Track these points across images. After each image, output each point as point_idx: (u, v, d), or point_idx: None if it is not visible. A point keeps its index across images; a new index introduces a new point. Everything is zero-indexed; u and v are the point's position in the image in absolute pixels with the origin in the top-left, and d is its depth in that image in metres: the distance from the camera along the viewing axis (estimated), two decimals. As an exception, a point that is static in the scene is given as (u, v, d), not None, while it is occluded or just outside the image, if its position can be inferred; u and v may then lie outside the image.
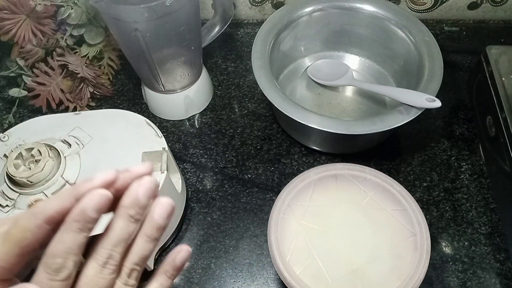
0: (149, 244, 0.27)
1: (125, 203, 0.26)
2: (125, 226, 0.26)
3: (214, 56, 0.70)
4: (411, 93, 0.51)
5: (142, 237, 0.27)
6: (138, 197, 0.26)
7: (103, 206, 0.25)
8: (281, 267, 0.40)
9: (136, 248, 0.27)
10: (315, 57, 0.66)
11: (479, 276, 0.48)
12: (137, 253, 0.27)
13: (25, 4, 0.55)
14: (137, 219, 0.26)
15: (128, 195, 0.26)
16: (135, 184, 0.26)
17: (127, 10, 0.48)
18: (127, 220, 0.26)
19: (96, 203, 0.24)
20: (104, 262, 0.25)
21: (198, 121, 0.63)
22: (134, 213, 0.26)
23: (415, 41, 0.56)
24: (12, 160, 0.41)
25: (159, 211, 0.27)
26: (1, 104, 0.66)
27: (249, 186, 0.56)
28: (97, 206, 0.24)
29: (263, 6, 0.72)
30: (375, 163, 0.57)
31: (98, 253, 0.25)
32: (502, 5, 0.70)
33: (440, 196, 0.54)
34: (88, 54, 0.61)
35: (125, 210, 0.26)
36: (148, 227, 0.27)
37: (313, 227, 0.43)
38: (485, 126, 0.56)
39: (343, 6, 0.60)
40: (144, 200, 0.26)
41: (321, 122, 0.48)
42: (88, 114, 0.49)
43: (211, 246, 0.52)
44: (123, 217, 0.26)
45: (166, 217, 0.27)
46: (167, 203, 0.27)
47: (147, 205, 0.27)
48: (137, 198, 0.26)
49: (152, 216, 0.27)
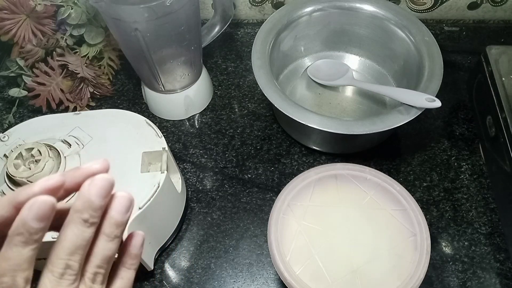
0: (111, 243, 0.25)
1: (77, 207, 0.23)
2: (80, 232, 0.23)
3: (214, 56, 0.70)
4: (411, 93, 0.51)
5: (102, 237, 0.25)
6: (90, 198, 0.23)
7: (46, 215, 0.22)
8: (281, 267, 0.40)
9: (97, 250, 0.25)
10: (315, 57, 0.66)
11: (479, 276, 0.48)
12: (99, 256, 0.25)
13: (25, 4, 0.55)
14: (93, 223, 0.24)
15: (80, 197, 0.23)
16: (86, 183, 0.24)
17: (127, 10, 0.48)
18: (81, 225, 0.23)
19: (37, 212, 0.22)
20: (61, 274, 0.23)
21: (198, 121, 0.63)
22: (88, 216, 0.23)
23: (415, 41, 0.56)
24: (12, 160, 0.41)
25: (117, 207, 0.25)
26: (1, 104, 0.66)
27: (249, 186, 0.56)
28: (39, 215, 0.22)
29: (263, 6, 0.72)
30: (375, 163, 0.57)
31: (53, 264, 0.23)
32: (502, 5, 0.70)
33: (440, 196, 0.54)
34: (88, 54, 0.61)
35: (78, 215, 0.23)
36: (106, 226, 0.25)
37: (313, 227, 0.43)
38: (485, 126, 0.56)
39: (343, 6, 0.60)
40: (98, 201, 0.23)
41: (321, 122, 0.48)
42: (88, 114, 0.49)
43: (211, 246, 0.52)
44: (76, 222, 0.23)
45: (124, 212, 0.25)
46: (124, 197, 0.25)
47: (103, 205, 0.24)
48: (89, 199, 0.23)
49: (109, 214, 0.24)
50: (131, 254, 0.27)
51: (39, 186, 0.23)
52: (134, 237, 0.27)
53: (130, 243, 0.27)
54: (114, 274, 0.27)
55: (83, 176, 0.24)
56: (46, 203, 0.22)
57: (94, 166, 0.25)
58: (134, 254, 0.27)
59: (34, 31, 0.57)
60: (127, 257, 0.27)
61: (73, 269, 0.23)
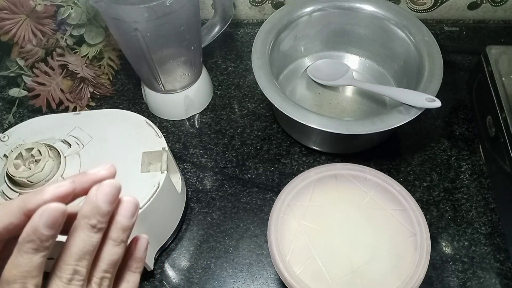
0: (117, 248, 0.25)
1: (85, 212, 0.24)
2: (88, 238, 0.24)
3: (214, 56, 0.70)
4: (411, 93, 0.51)
5: (109, 242, 0.25)
6: (98, 204, 0.24)
7: (57, 222, 0.22)
8: (281, 267, 0.40)
9: (104, 255, 0.25)
10: (315, 57, 0.66)
11: (479, 276, 0.48)
12: (106, 260, 0.25)
13: (25, 4, 0.55)
14: (100, 228, 0.24)
15: (87, 203, 0.24)
16: (94, 189, 0.24)
17: (127, 10, 0.48)
18: (88, 231, 0.24)
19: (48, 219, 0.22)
20: (69, 279, 0.23)
21: (198, 121, 0.63)
22: (96, 222, 0.24)
23: (415, 41, 0.56)
24: (12, 160, 0.41)
25: (123, 212, 0.25)
26: (1, 104, 0.66)
27: (249, 186, 0.56)
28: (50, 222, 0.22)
29: (263, 6, 0.72)
30: (375, 163, 0.57)
31: (61, 270, 0.23)
32: (502, 5, 0.70)
33: (440, 196, 0.54)
34: (88, 54, 0.61)
35: (86, 220, 0.24)
36: (113, 231, 0.25)
37: (313, 227, 0.43)
38: (485, 126, 0.56)
39: (343, 6, 0.60)
40: (105, 206, 0.24)
41: (321, 122, 0.48)
42: (88, 114, 0.49)
43: (211, 246, 0.52)
44: (84, 228, 0.24)
45: (130, 217, 0.25)
46: (130, 201, 0.25)
47: (110, 211, 0.24)
48: (97, 205, 0.24)
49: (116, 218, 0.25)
50: (136, 257, 0.27)
51: (50, 193, 0.23)
52: (139, 241, 0.28)
53: (135, 247, 0.27)
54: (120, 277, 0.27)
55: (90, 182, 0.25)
56: (58, 210, 0.22)
57: (101, 172, 0.25)
58: (139, 258, 0.27)
59: (34, 31, 0.57)
60: (132, 261, 0.27)
61: (80, 274, 0.24)
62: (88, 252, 0.24)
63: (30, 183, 0.40)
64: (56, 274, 0.23)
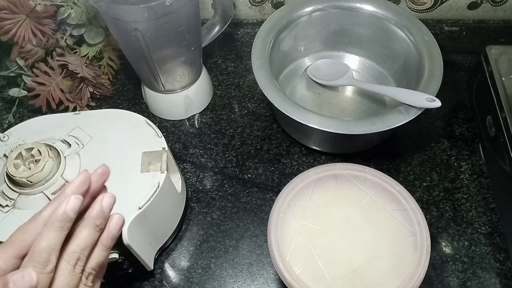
0: (104, 252, 0.33)
1: (93, 214, 0.32)
2: (92, 234, 0.31)
3: (214, 56, 0.70)
4: (411, 93, 0.51)
5: (99, 246, 0.32)
6: (103, 209, 0.32)
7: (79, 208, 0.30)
8: (281, 267, 0.40)
9: (94, 256, 0.32)
10: (315, 57, 0.66)
11: (479, 276, 0.48)
12: (95, 260, 0.32)
13: (25, 4, 0.55)
14: (101, 228, 0.32)
15: (95, 207, 0.32)
16: (100, 198, 0.32)
17: (127, 10, 0.48)
18: (93, 229, 0.31)
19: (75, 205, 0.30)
20: (75, 263, 0.30)
21: (198, 121, 0.63)
22: (99, 223, 0.32)
23: (415, 41, 0.56)
24: (12, 160, 0.41)
25: (114, 224, 0.33)
26: (1, 104, 0.66)
27: (249, 186, 0.56)
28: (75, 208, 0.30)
29: (263, 6, 0.72)
30: (375, 163, 0.57)
31: (69, 256, 0.30)
32: (502, 5, 0.70)
33: (440, 196, 0.54)
34: (88, 54, 0.61)
35: (93, 220, 0.31)
36: (104, 237, 0.32)
37: (313, 227, 0.43)
38: (485, 126, 0.56)
39: (343, 6, 0.60)
40: (107, 212, 0.32)
41: (321, 122, 0.48)
42: (88, 114, 0.49)
43: (211, 246, 0.52)
44: (90, 226, 0.31)
45: (119, 230, 0.33)
46: (120, 217, 0.33)
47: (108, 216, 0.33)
48: (102, 210, 0.32)
49: (108, 229, 0.33)
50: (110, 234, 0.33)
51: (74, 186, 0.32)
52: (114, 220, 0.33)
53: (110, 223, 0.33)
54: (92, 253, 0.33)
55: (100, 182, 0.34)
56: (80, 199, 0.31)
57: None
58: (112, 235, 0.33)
59: (34, 31, 0.57)
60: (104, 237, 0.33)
61: (82, 261, 0.31)
62: (90, 245, 0.31)
63: (30, 183, 0.40)
64: (65, 259, 0.30)
